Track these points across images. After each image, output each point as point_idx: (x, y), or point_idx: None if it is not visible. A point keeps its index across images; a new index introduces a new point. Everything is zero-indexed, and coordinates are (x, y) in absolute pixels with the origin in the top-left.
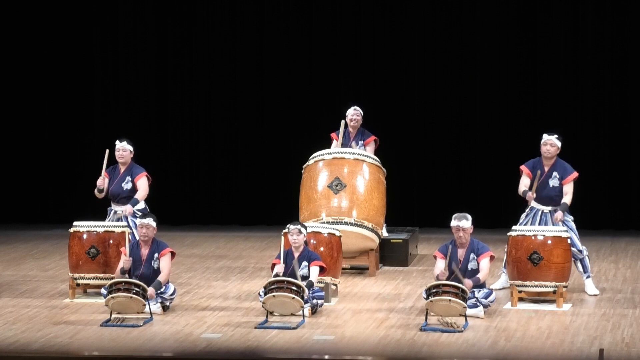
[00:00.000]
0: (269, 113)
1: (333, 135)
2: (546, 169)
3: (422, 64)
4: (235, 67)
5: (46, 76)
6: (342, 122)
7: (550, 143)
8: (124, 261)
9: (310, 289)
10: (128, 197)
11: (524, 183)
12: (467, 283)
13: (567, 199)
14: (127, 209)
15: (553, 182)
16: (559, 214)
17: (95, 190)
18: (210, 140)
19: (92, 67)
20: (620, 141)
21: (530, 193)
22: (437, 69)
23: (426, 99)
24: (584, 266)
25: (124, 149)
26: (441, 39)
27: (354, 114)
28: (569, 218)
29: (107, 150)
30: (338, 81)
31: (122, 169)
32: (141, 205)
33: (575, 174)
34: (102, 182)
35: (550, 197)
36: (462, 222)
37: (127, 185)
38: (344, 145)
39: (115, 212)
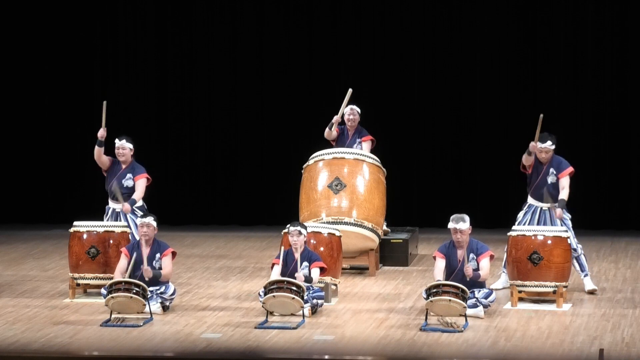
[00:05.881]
0: (269, 113)
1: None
2: (544, 166)
3: (422, 63)
4: (235, 67)
5: (46, 77)
6: (349, 90)
7: (545, 151)
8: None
9: (309, 285)
10: (127, 194)
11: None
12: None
13: (563, 194)
14: (126, 206)
15: (550, 178)
16: (558, 211)
17: (96, 145)
18: (210, 140)
19: (92, 67)
20: (620, 141)
21: (533, 143)
22: (437, 69)
23: (426, 99)
24: (580, 265)
25: (123, 147)
26: (441, 39)
27: (350, 113)
28: (567, 216)
29: (105, 102)
30: (338, 81)
31: (124, 166)
32: (140, 203)
33: (570, 169)
34: (103, 132)
35: (549, 194)
36: (460, 224)
37: (127, 182)
38: (342, 143)
39: (114, 209)
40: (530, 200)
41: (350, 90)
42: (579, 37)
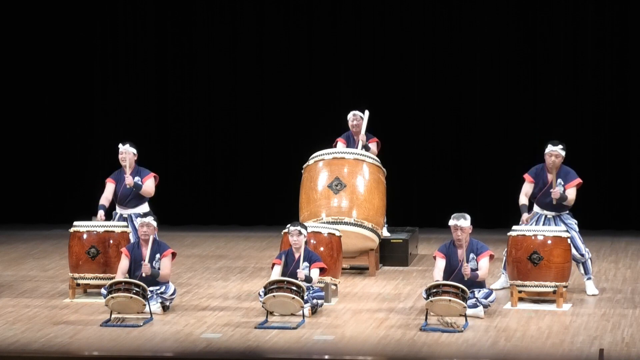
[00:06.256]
0: (269, 113)
1: (339, 140)
2: (550, 176)
3: (422, 64)
4: (235, 68)
5: (46, 77)
6: (366, 112)
7: (556, 154)
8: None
9: (310, 284)
10: (136, 197)
11: (525, 191)
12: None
13: (570, 198)
14: (128, 179)
15: (558, 188)
16: (557, 189)
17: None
18: (210, 140)
19: (93, 68)
20: (620, 141)
21: (525, 217)
22: (437, 69)
23: (426, 99)
24: (585, 269)
25: (127, 152)
26: (441, 39)
27: (354, 119)
28: (573, 221)
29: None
30: (338, 81)
31: (129, 171)
32: (146, 208)
33: (578, 180)
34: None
35: (556, 204)
36: (460, 222)
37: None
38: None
39: (121, 215)
40: (535, 208)
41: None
42: (579, 37)
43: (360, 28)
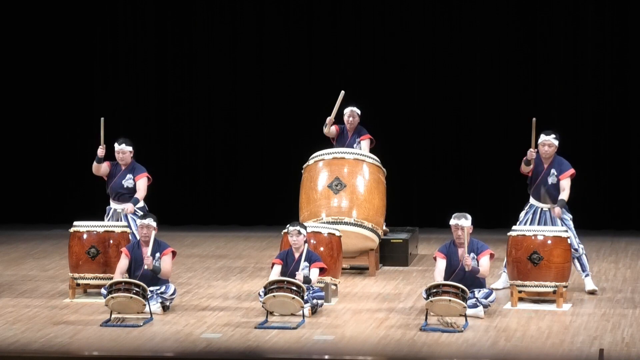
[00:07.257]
0: (268, 113)
1: (335, 126)
2: (545, 166)
3: (421, 63)
4: (235, 68)
5: (47, 77)
6: (342, 92)
7: (548, 144)
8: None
9: (309, 285)
10: (128, 194)
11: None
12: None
13: (564, 194)
14: (128, 207)
15: (551, 179)
16: (557, 210)
17: (95, 161)
18: (210, 140)
19: (92, 68)
20: (620, 141)
21: (531, 151)
22: (437, 69)
23: (426, 99)
24: (581, 265)
25: (123, 151)
26: (441, 38)
27: (350, 114)
28: (568, 216)
29: (102, 119)
30: (338, 81)
31: (123, 167)
32: (140, 204)
33: (572, 171)
34: (102, 151)
35: (548, 194)
36: (461, 221)
37: (127, 183)
38: (342, 143)
39: (115, 210)
40: (531, 200)
41: (342, 92)
42: (579, 37)
43: (360, 28)
